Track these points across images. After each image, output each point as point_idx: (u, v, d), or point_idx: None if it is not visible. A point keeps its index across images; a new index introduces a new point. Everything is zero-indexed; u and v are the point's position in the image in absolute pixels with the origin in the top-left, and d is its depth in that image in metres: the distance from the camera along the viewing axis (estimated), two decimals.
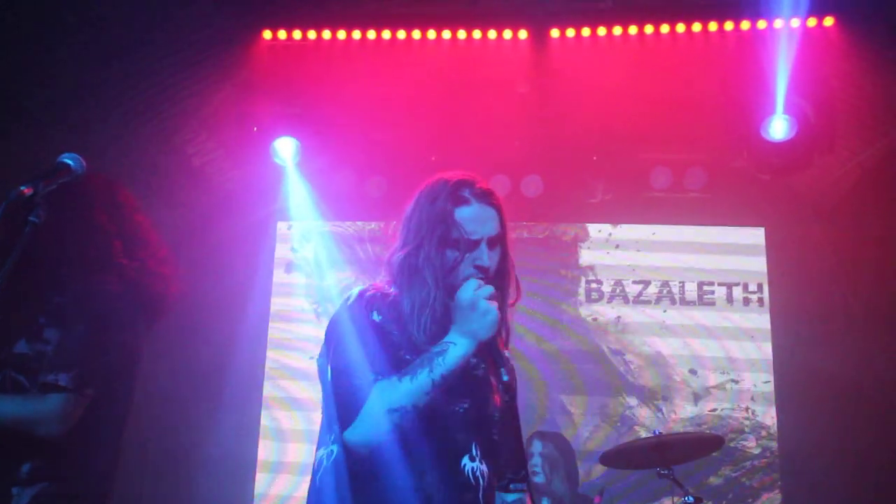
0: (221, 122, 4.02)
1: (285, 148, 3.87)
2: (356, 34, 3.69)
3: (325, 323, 4.66)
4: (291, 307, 4.63)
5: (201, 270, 4.13)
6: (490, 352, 1.49)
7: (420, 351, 1.44)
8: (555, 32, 3.65)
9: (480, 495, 1.45)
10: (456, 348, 1.38)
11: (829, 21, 3.63)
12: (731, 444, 3.95)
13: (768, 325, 4.25)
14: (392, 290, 1.54)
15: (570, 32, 3.65)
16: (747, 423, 4.14)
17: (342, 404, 1.42)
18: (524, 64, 3.76)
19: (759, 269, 4.34)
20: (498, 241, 1.50)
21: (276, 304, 4.59)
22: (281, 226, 4.65)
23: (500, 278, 1.50)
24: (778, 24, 3.54)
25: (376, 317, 1.48)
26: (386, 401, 1.37)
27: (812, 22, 3.54)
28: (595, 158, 4.20)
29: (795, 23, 3.48)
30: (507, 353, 1.57)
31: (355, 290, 1.55)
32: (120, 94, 3.61)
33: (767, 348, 4.21)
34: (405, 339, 1.47)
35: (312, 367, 4.44)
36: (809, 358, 4.05)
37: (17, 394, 1.86)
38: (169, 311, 2.10)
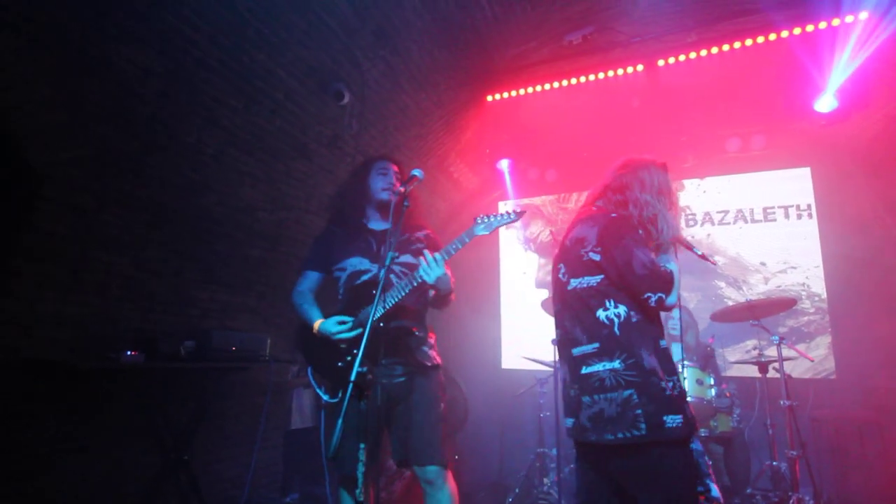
0: (467, 151, 4.16)
1: (503, 163, 3.97)
2: (538, 88, 3.74)
3: (528, 253, 4.94)
4: (510, 244, 4.86)
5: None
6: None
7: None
8: (661, 62, 3.51)
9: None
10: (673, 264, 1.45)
11: (863, 15, 3.15)
12: (794, 308, 3.67)
13: (816, 229, 3.97)
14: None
15: (671, 60, 3.49)
16: (804, 292, 3.92)
17: (658, 280, 1.32)
18: (640, 86, 3.59)
19: (807, 195, 4.03)
20: None
21: (503, 241, 4.88)
22: (504, 202, 4.74)
23: None
24: (822, 25, 3.16)
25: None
26: (677, 274, 1.41)
27: (850, 18, 3.10)
28: (684, 138, 3.96)
29: (836, 21, 3.09)
30: None
31: (614, 216, 1.46)
32: (417, 146, 3.75)
33: (816, 244, 3.95)
34: None
35: (521, 276, 4.71)
36: (847, 246, 3.79)
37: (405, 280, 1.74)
38: None
